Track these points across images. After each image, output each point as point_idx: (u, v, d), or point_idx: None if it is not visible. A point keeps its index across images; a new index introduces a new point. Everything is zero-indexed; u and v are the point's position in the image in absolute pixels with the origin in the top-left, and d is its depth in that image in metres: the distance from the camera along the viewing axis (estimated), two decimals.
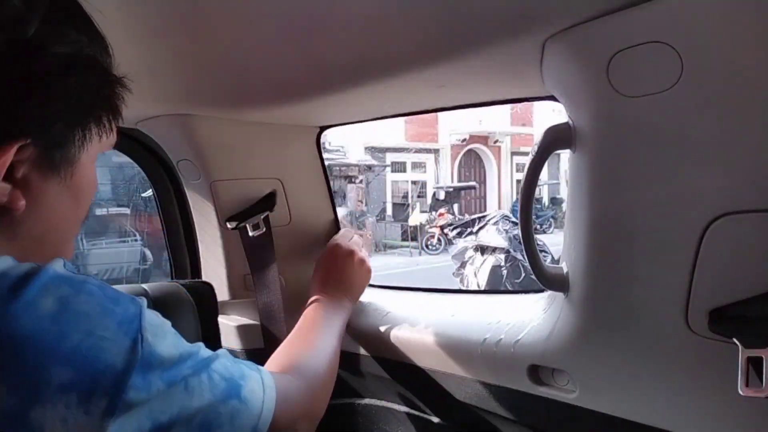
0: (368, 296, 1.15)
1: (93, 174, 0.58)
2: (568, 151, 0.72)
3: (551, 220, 13.19)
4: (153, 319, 0.50)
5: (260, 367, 0.65)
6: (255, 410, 0.58)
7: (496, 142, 16.36)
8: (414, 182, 15.95)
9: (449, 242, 9.51)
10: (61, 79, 0.49)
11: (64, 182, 0.53)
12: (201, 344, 0.57)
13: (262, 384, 0.61)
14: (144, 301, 0.50)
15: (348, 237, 1.11)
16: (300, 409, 0.70)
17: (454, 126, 15.61)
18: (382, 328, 1.05)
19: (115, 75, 0.56)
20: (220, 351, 0.60)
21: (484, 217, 7.55)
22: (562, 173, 14.36)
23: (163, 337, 0.50)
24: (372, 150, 14.85)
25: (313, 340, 0.87)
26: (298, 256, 1.21)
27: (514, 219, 7.06)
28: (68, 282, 0.46)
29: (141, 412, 0.46)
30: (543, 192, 15.28)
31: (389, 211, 15.16)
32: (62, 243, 0.58)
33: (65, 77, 0.49)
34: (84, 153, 0.54)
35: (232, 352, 1.22)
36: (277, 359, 0.80)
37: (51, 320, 0.43)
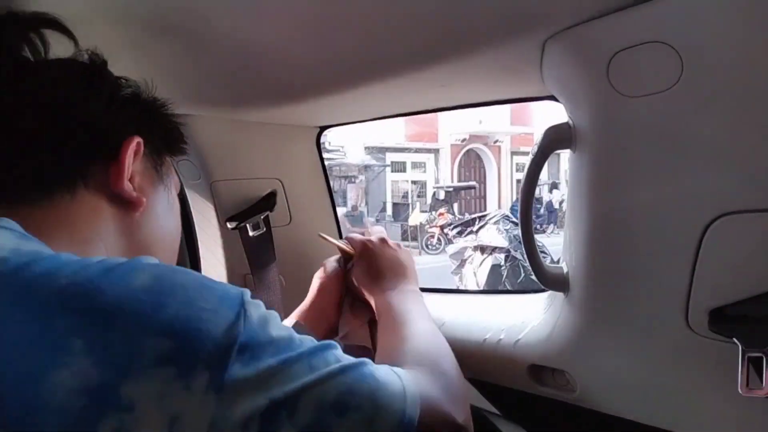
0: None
1: (178, 202, 0.67)
2: (568, 151, 0.72)
3: None
4: (259, 303, 0.46)
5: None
6: (397, 393, 0.49)
7: (495, 141, 16.36)
8: (414, 182, 15.96)
9: (449, 242, 9.50)
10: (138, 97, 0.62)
11: (167, 193, 0.63)
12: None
13: (395, 373, 0.52)
14: (247, 290, 0.47)
15: (361, 233, 1.00)
16: (443, 411, 0.55)
17: (454, 126, 15.61)
18: None
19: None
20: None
21: (484, 216, 7.54)
22: (562, 173, 14.37)
23: (271, 319, 0.46)
24: (372, 150, 14.85)
25: (419, 332, 0.72)
26: (298, 256, 1.21)
27: (514, 219, 7.06)
28: (164, 265, 0.44)
29: (252, 389, 0.41)
30: (543, 192, 15.29)
31: (389, 211, 15.16)
32: (166, 259, 0.62)
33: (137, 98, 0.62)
34: (171, 173, 0.65)
35: None
36: (387, 359, 0.62)
37: (145, 292, 0.40)
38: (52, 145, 0.51)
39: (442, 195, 12.84)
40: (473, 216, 8.06)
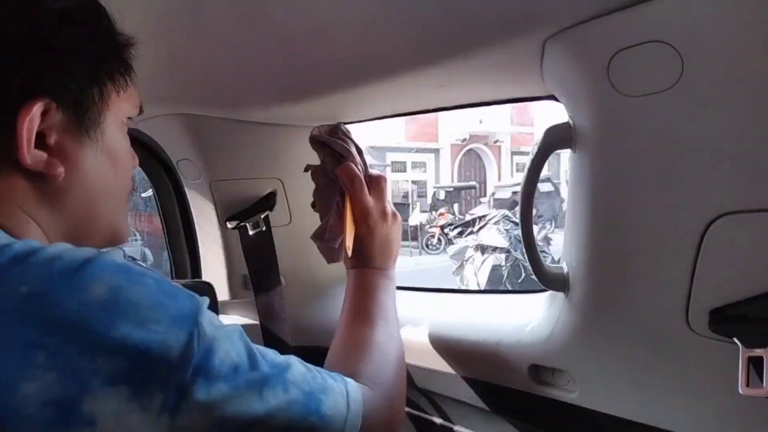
0: None
1: (125, 139, 0.57)
2: (568, 151, 0.72)
3: (551, 220, 13.19)
4: (212, 317, 0.46)
5: (346, 378, 0.58)
6: (335, 429, 0.53)
7: (496, 141, 16.36)
8: (414, 182, 15.96)
9: (449, 242, 9.50)
10: (60, 31, 0.48)
11: (97, 145, 0.52)
12: (273, 351, 0.53)
13: (347, 399, 0.55)
14: (204, 300, 0.47)
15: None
16: (383, 427, 0.61)
17: (454, 126, 15.61)
18: None
19: (117, 30, 0.55)
20: (292, 357, 0.54)
21: (485, 216, 7.54)
22: (562, 173, 14.36)
23: (227, 336, 0.47)
24: (372, 150, 14.85)
25: (373, 334, 0.71)
26: (298, 256, 1.21)
27: (515, 219, 7.06)
28: (124, 271, 0.43)
29: (204, 412, 0.43)
30: None
31: None
32: (113, 220, 0.56)
33: (63, 29, 0.48)
34: (107, 112, 0.53)
35: None
36: (337, 364, 0.66)
37: (99, 307, 0.40)
38: None
39: (442, 195, 12.85)
40: (474, 216, 8.05)
